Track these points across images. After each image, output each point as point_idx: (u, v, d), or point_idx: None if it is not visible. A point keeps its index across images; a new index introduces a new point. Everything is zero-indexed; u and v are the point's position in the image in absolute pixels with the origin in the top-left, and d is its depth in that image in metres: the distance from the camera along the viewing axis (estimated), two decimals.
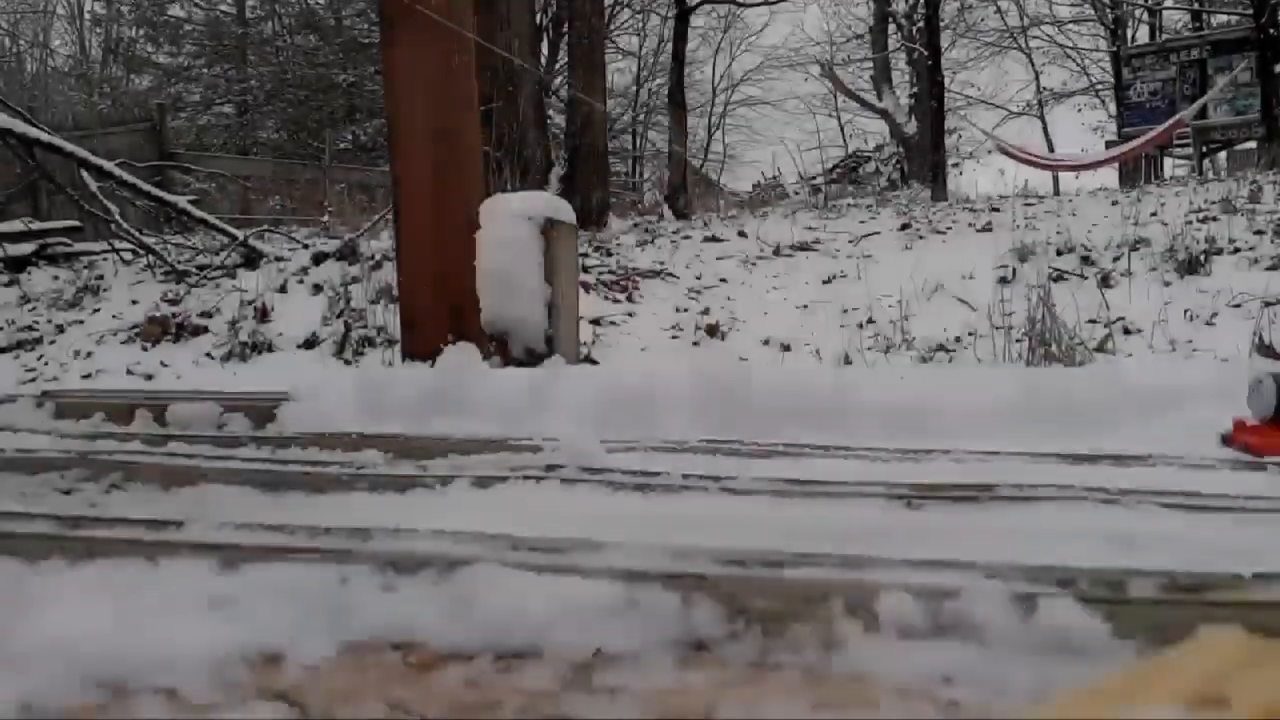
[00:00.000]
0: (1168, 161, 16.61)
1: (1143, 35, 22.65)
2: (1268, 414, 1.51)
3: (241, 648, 0.78)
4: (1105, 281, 5.67)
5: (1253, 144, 14.63)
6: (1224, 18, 18.83)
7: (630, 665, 0.74)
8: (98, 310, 6.06)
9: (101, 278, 6.81)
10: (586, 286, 6.03)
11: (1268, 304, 4.49)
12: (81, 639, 0.78)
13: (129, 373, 4.94)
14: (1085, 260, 6.32)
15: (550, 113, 13.61)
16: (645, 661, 0.75)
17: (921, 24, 17.76)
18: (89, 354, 5.29)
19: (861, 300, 5.55)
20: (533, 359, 2.95)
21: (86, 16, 25.83)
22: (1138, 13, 23.06)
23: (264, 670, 0.76)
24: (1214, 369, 2.08)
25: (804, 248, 7.81)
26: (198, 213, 7.47)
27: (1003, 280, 5.83)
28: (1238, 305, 4.99)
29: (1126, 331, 4.69)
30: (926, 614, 0.78)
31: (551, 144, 11.24)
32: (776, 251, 7.73)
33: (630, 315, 5.93)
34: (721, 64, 25.25)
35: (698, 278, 7.05)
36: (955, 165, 19.78)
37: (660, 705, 0.68)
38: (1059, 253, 6.56)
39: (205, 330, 5.40)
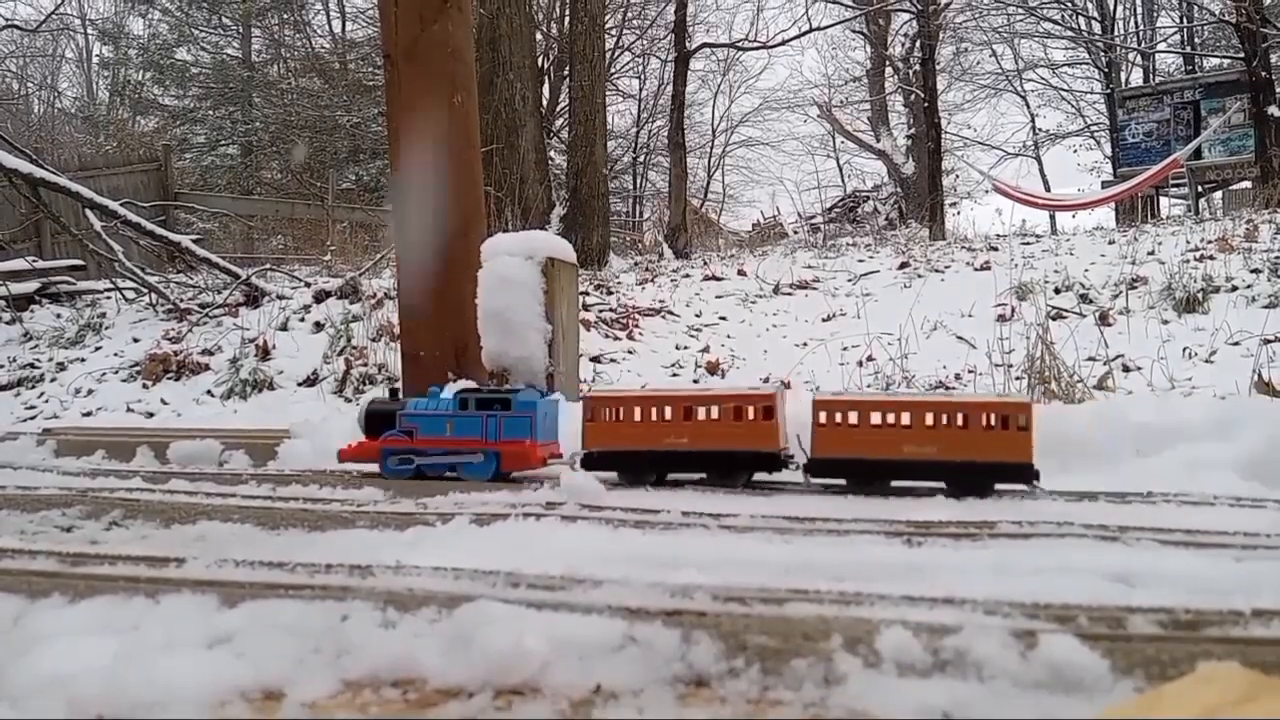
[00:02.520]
0: (1164, 201, 16.73)
1: (1136, 78, 22.94)
2: (362, 430, 1.86)
3: (241, 684, 0.78)
4: (1104, 319, 5.69)
5: (1248, 183, 14.76)
6: (1216, 61, 19.08)
7: (630, 702, 0.74)
8: (99, 348, 6.08)
9: (104, 316, 6.84)
10: (587, 324, 6.06)
11: (1266, 341, 4.50)
12: (82, 675, 0.78)
13: (130, 410, 4.94)
14: (1083, 298, 6.36)
15: (551, 154, 13.75)
16: (645, 698, 0.75)
17: (918, 67, 18.02)
18: (90, 391, 5.30)
19: (861, 338, 5.57)
20: None
21: (94, 60, 26.21)
22: (1131, 56, 23.39)
23: (264, 707, 0.76)
24: (1213, 407, 2.09)
25: (803, 286, 7.86)
26: (201, 251, 7.52)
27: (1001, 318, 5.86)
28: (1236, 343, 5.01)
29: (1125, 369, 4.70)
30: (926, 650, 0.78)
31: (552, 184, 11.35)
32: (776, 290, 7.78)
33: (630, 353, 5.95)
34: (721, 106, 25.54)
35: (697, 316, 7.08)
36: (953, 205, 19.96)
37: None
38: (1057, 291, 6.60)
39: (206, 368, 5.41)
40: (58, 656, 0.83)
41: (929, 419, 1.57)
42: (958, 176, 23.58)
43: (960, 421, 1.57)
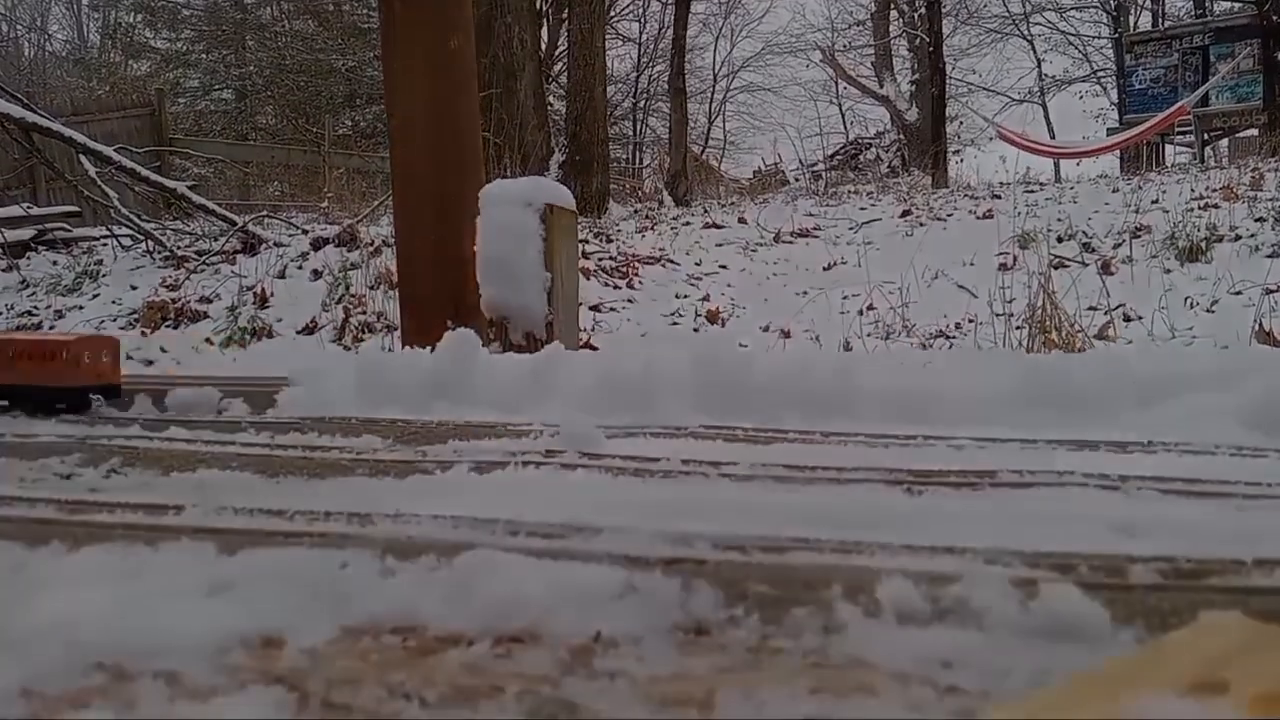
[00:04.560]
0: (1169, 149, 16.55)
1: (1145, 22, 22.55)
2: None
3: (241, 631, 0.78)
4: (1106, 268, 5.67)
5: (1255, 131, 14.59)
6: (1226, 5, 18.72)
7: (630, 649, 0.74)
8: (96, 295, 6.06)
9: (100, 263, 6.81)
10: (586, 273, 6.03)
11: (1268, 291, 4.48)
12: (81, 622, 0.78)
13: (128, 358, 4.93)
14: (1086, 247, 6.33)
15: (550, 99, 13.56)
16: (645, 646, 0.75)
17: (923, 10, 17.68)
18: None
19: (862, 287, 5.54)
20: (533, 345, 2.94)
21: (84, 1, 25.72)
22: None
23: (263, 654, 0.76)
24: (1215, 356, 2.08)
25: (804, 234, 7.81)
26: (196, 198, 7.45)
27: (1003, 267, 5.83)
28: (1238, 293, 4.99)
29: (1127, 319, 4.69)
30: (926, 599, 0.78)
31: (552, 130, 11.20)
32: (777, 238, 7.73)
33: (630, 302, 5.94)
34: (722, 50, 25.15)
35: (698, 264, 7.04)
36: (956, 152, 19.74)
37: (660, 689, 0.68)
38: (1060, 239, 6.56)
39: (205, 316, 5.40)
40: (57, 603, 0.83)
41: (10, 353, 1.98)
42: (962, 123, 23.32)
43: (42, 354, 1.96)
